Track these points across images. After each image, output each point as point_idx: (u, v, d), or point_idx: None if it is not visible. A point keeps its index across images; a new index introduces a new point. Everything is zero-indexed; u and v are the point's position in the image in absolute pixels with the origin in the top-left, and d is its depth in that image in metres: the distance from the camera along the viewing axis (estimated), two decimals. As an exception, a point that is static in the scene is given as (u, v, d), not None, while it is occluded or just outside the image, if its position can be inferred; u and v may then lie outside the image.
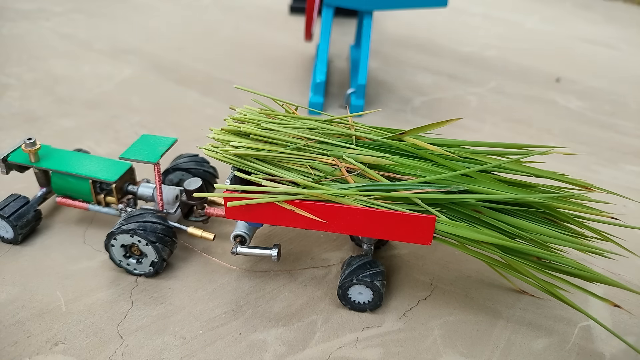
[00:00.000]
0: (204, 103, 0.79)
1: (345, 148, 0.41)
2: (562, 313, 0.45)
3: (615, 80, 0.93)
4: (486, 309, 0.45)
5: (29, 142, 0.49)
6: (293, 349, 0.41)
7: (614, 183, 0.64)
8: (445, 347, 0.42)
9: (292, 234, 0.53)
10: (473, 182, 0.40)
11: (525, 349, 0.42)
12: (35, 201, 0.52)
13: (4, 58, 0.91)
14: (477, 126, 0.75)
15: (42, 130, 0.70)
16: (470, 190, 0.39)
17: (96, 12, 1.17)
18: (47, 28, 1.06)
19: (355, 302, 0.44)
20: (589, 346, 0.42)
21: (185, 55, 0.96)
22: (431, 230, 0.39)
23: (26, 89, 0.80)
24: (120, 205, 0.50)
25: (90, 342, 0.41)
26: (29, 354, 0.40)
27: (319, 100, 0.78)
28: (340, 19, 1.19)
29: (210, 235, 0.49)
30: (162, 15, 1.17)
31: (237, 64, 0.94)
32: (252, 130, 0.41)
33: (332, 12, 0.79)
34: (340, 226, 0.40)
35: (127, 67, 0.90)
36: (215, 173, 0.56)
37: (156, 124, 0.73)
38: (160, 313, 0.44)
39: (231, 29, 1.11)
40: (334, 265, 0.49)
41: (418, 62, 0.99)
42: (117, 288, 0.46)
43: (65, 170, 0.50)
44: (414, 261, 0.50)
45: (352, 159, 0.40)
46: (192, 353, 0.40)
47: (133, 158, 0.46)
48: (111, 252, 0.46)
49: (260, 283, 0.47)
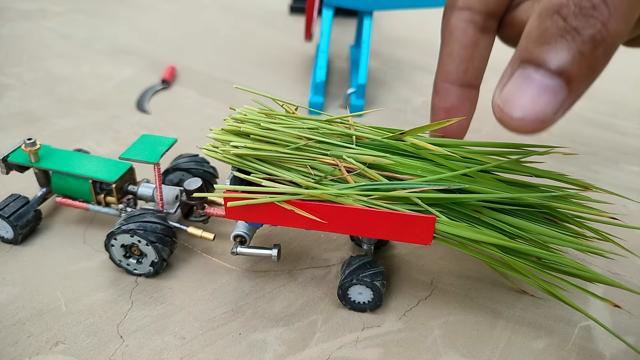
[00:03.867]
0: (203, 103, 0.79)
1: (345, 148, 0.41)
2: (562, 313, 0.45)
3: (615, 80, 0.93)
4: (486, 309, 0.45)
5: (29, 142, 0.49)
6: (293, 349, 0.41)
7: (613, 183, 0.64)
8: (445, 347, 0.42)
9: (292, 234, 0.53)
10: (473, 182, 0.40)
11: (525, 349, 0.42)
12: (35, 201, 0.52)
13: (4, 58, 0.91)
14: (477, 126, 0.75)
15: (42, 130, 0.70)
16: (470, 190, 0.39)
17: (96, 12, 1.17)
18: (47, 28, 1.06)
19: (355, 302, 0.44)
20: (589, 346, 0.42)
21: (185, 55, 0.96)
22: (431, 230, 0.39)
23: (26, 89, 0.80)
24: (120, 205, 0.50)
25: (90, 342, 0.41)
26: (29, 354, 0.40)
27: (319, 100, 0.78)
28: (340, 19, 1.19)
29: (210, 235, 0.49)
30: (162, 15, 1.17)
31: (237, 64, 0.94)
32: (252, 130, 0.41)
33: (332, 12, 0.79)
34: (340, 226, 0.40)
35: (127, 67, 0.90)
36: (215, 173, 0.56)
37: (156, 124, 0.73)
38: (160, 313, 0.44)
39: (231, 29, 1.11)
40: (334, 265, 0.49)
41: (418, 62, 0.99)
42: (117, 288, 0.46)
43: (65, 170, 0.50)
44: (414, 261, 0.50)
45: (352, 159, 0.40)
46: (192, 353, 0.41)
47: (133, 158, 0.47)
48: (111, 252, 0.46)
49: (260, 283, 0.47)
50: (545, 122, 0.32)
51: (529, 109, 0.32)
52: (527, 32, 0.32)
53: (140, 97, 0.80)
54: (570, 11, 0.29)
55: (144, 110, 0.76)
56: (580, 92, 0.32)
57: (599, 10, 0.29)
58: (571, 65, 0.30)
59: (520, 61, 0.32)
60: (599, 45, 0.29)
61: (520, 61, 0.32)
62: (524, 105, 0.32)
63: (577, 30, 0.29)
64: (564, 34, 0.30)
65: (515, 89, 0.32)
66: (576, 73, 0.31)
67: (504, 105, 0.32)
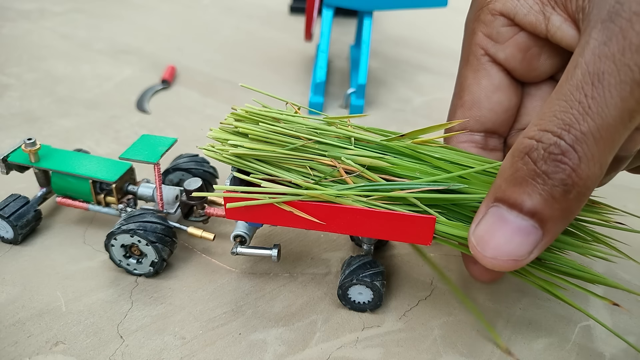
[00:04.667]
0: (204, 103, 0.79)
1: (343, 149, 0.41)
2: (562, 313, 0.45)
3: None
4: (486, 309, 0.45)
5: (29, 142, 0.49)
6: (293, 349, 0.41)
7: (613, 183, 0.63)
8: (445, 347, 0.42)
9: (292, 234, 0.53)
10: (471, 184, 0.40)
11: (525, 349, 0.42)
12: (35, 201, 0.52)
13: (4, 58, 0.91)
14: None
15: (42, 130, 0.70)
16: (468, 191, 0.39)
17: (96, 12, 1.17)
18: (47, 28, 1.06)
19: (355, 302, 0.44)
20: (589, 346, 0.42)
21: (185, 56, 0.96)
22: (431, 231, 0.39)
23: (26, 89, 0.80)
24: (120, 205, 0.50)
25: (90, 342, 0.41)
26: (29, 354, 0.40)
27: (319, 101, 0.78)
28: (340, 19, 1.19)
29: (210, 235, 0.49)
30: (162, 15, 1.17)
31: (237, 64, 0.94)
32: (250, 130, 0.41)
33: (332, 12, 0.79)
34: (340, 227, 0.40)
35: (127, 67, 0.90)
36: (215, 173, 0.56)
37: (156, 124, 0.73)
38: (160, 313, 0.44)
39: (231, 29, 1.11)
40: (334, 265, 0.49)
41: (418, 62, 0.99)
42: (117, 288, 0.46)
43: (65, 170, 0.50)
44: (414, 261, 0.50)
45: (351, 161, 0.40)
46: (192, 353, 0.41)
47: (133, 158, 0.47)
48: (111, 252, 0.46)
49: (260, 283, 0.47)
50: (519, 261, 0.31)
51: (502, 249, 0.31)
52: (501, 170, 0.32)
53: (140, 97, 0.80)
54: (540, 155, 0.29)
55: (144, 110, 0.76)
56: (556, 232, 0.31)
57: (568, 155, 0.28)
58: (543, 207, 0.30)
59: (494, 199, 0.32)
60: (570, 189, 0.29)
61: (494, 199, 0.32)
62: (497, 245, 0.32)
63: (547, 174, 0.29)
64: (534, 176, 0.30)
65: (488, 228, 0.32)
66: (549, 215, 0.30)
67: (477, 243, 0.33)
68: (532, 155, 0.30)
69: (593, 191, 0.32)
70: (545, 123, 0.29)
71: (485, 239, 0.32)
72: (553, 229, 0.31)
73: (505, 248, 0.31)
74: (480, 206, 0.34)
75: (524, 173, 0.30)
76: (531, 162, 0.30)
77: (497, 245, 0.32)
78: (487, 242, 0.32)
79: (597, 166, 0.29)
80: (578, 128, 0.28)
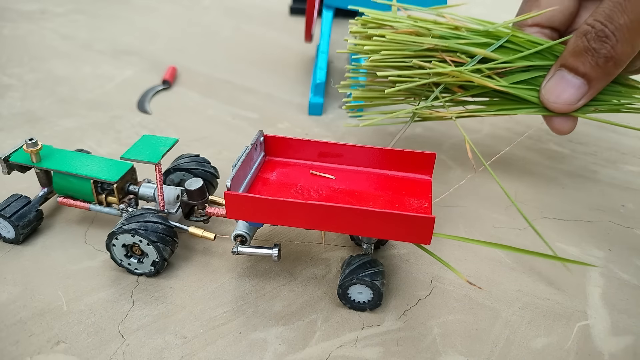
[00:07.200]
0: (204, 104, 0.80)
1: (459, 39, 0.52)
2: (562, 312, 0.45)
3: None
4: (485, 309, 0.45)
5: (30, 142, 0.49)
6: (293, 348, 0.41)
7: (612, 183, 0.64)
8: (445, 347, 0.42)
9: (292, 233, 0.53)
10: (546, 59, 0.52)
11: (524, 348, 0.42)
12: (37, 201, 0.52)
13: (6, 59, 0.92)
14: (477, 126, 0.75)
15: (43, 130, 0.70)
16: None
17: (97, 13, 1.17)
18: (48, 29, 1.06)
19: (355, 302, 0.44)
20: (587, 345, 0.42)
21: (185, 56, 0.96)
22: (431, 230, 0.39)
23: (27, 90, 0.81)
24: (121, 205, 0.50)
25: (91, 342, 0.41)
26: (30, 354, 0.40)
27: (319, 101, 0.78)
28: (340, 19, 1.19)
29: (211, 235, 0.49)
30: (162, 16, 1.18)
31: (238, 64, 0.94)
32: (385, 32, 0.53)
33: (332, 13, 0.80)
34: (339, 226, 0.40)
35: (128, 67, 0.91)
36: (216, 173, 0.56)
37: (157, 125, 0.73)
38: (161, 312, 0.44)
39: (231, 30, 1.11)
40: (333, 264, 0.50)
41: (418, 62, 0.99)
42: (118, 287, 0.46)
43: (66, 171, 0.50)
44: (413, 261, 0.50)
45: (463, 56, 0.52)
46: (192, 352, 0.41)
47: (134, 158, 0.47)
48: (112, 252, 0.47)
49: (261, 282, 0.47)
50: (571, 105, 0.50)
51: (561, 97, 0.49)
52: (567, 45, 0.49)
53: (141, 97, 0.80)
54: (592, 36, 0.46)
55: (145, 110, 0.77)
56: (597, 89, 0.49)
57: (610, 38, 0.45)
58: (591, 71, 0.47)
59: (560, 65, 0.50)
60: (610, 60, 0.46)
61: (560, 65, 0.50)
62: (558, 94, 0.49)
63: (595, 49, 0.46)
64: (587, 50, 0.47)
65: (553, 83, 0.50)
66: (595, 77, 0.48)
67: (545, 93, 0.50)
68: (587, 36, 0.46)
69: (626, 64, 0.47)
70: (597, 15, 0.46)
71: (551, 91, 0.50)
72: (596, 85, 0.48)
73: (563, 96, 0.49)
74: (550, 69, 0.50)
75: (581, 48, 0.47)
76: (586, 41, 0.46)
77: (558, 94, 0.49)
78: (552, 92, 0.50)
79: (629, 46, 0.45)
80: (617, 20, 0.44)
